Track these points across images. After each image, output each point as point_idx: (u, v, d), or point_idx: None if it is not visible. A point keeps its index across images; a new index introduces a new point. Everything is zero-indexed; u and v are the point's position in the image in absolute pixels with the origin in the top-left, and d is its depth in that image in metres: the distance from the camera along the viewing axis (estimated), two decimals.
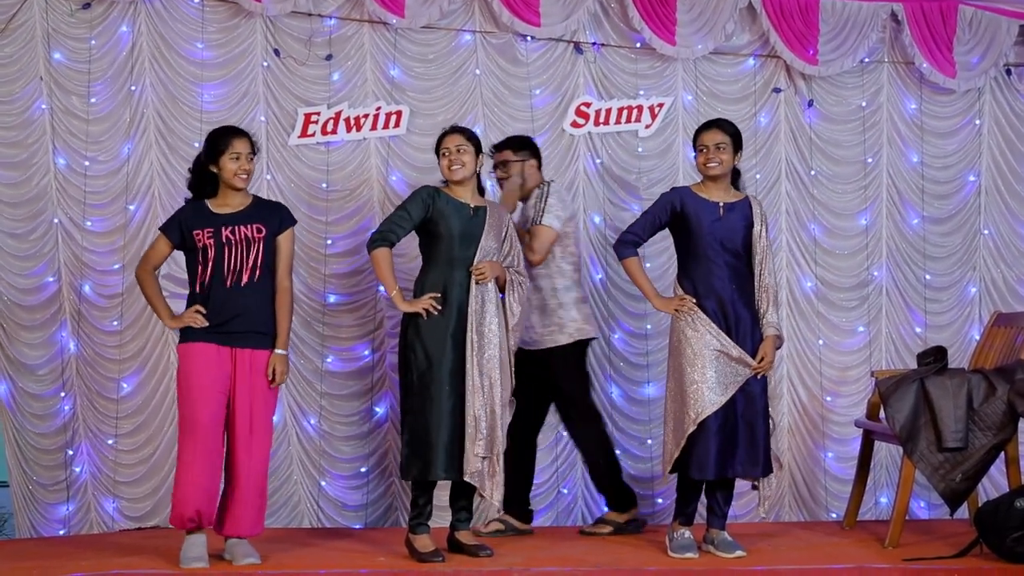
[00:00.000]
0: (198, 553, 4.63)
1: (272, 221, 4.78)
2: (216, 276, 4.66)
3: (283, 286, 4.81)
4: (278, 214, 4.85)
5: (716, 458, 4.77)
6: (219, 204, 4.76)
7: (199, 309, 4.63)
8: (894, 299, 6.49)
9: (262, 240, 4.72)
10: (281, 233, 4.81)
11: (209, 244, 4.66)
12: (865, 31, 6.32)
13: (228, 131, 4.81)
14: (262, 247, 4.72)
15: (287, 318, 4.81)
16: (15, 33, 5.74)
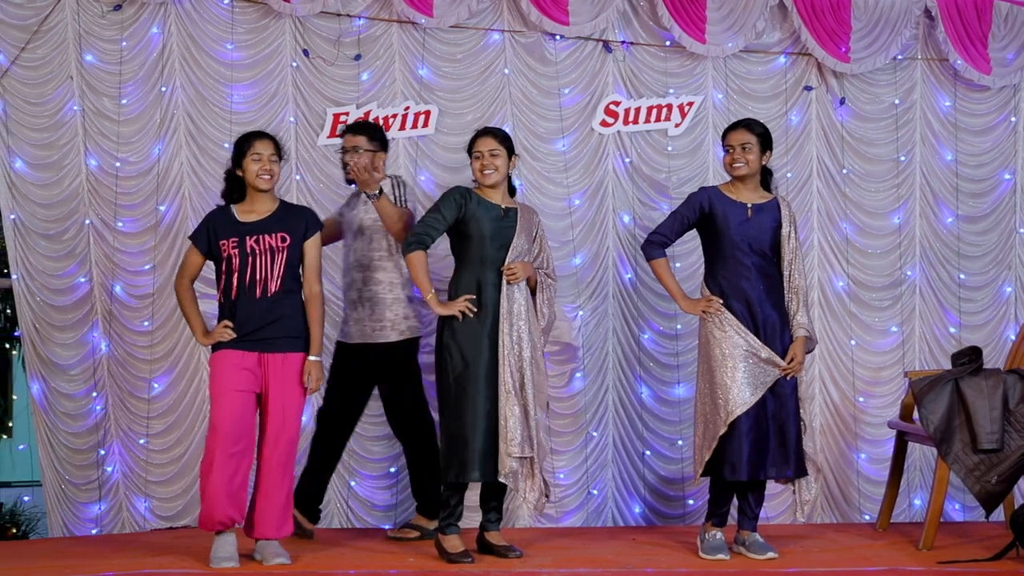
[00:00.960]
0: (228, 553, 4.67)
1: (298, 228, 4.80)
2: (243, 286, 4.68)
3: (313, 292, 4.83)
4: (304, 220, 4.85)
5: (748, 459, 4.77)
6: (245, 210, 4.77)
7: (228, 324, 4.67)
8: (928, 299, 6.44)
9: (287, 249, 4.74)
10: (307, 239, 4.82)
11: (234, 254, 4.68)
12: (898, 28, 6.28)
13: (250, 134, 4.85)
14: (287, 256, 4.74)
15: (319, 324, 4.83)
16: (47, 35, 5.77)
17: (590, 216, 6.19)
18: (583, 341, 6.14)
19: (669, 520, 6.16)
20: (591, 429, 6.15)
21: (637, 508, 6.19)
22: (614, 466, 6.19)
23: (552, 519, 6.05)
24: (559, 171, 6.18)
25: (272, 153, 4.76)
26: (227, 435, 4.58)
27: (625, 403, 6.20)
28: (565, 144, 6.19)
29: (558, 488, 6.05)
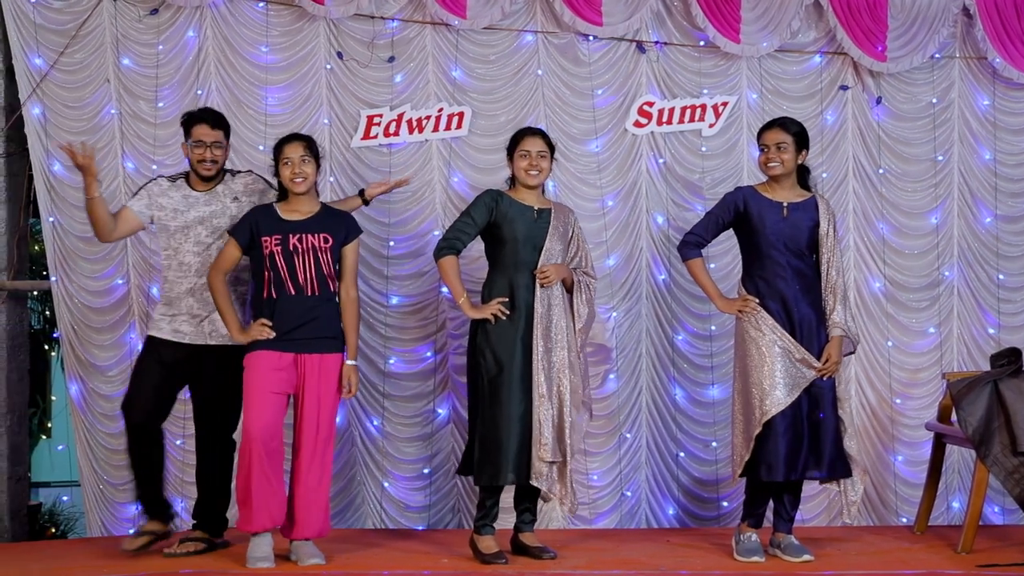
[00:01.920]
0: (264, 553, 4.69)
1: (339, 231, 4.83)
2: (282, 284, 4.71)
3: (349, 296, 4.86)
4: (345, 224, 4.89)
5: (785, 460, 4.75)
6: (288, 210, 4.81)
7: (265, 322, 4.68)
8: (966, 299, 6.38)
9: (328, 250, 4.77)
10: (347, 244, 4.86)
11: (276, 251, 4.70)
12: (936, 26, 6.23)
13: (280, 140, 4.88)
14: (329, 257, 4.77)
15: (355, 329, 4.87)
16: (85, 39, 5.85)
17: (623, 217, 6.19)
18: (617, 342, 6.14)
19: (703, 522, 6.14)
20: (625, 431, 6.14)
21: (671, 510, 6.18)
22: (648, 468, 6.18)
23: (586, 520, 6.04)
24: (592, 172, 6.17)
25: (302, 155, 4.77)
26: (260, 438, 4.61)
27: (659, 404, 6.19)
28: (598, 145, 6.18)
29: (592, 489, 6.08)
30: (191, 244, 4.87)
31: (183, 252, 4.87)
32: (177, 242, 4.88)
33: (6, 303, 6.03)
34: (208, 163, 4.87)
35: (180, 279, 4.89)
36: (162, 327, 4.90)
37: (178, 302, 4.89)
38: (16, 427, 6.14)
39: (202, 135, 4.87)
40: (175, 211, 4.89)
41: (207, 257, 4.85)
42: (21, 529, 6.17)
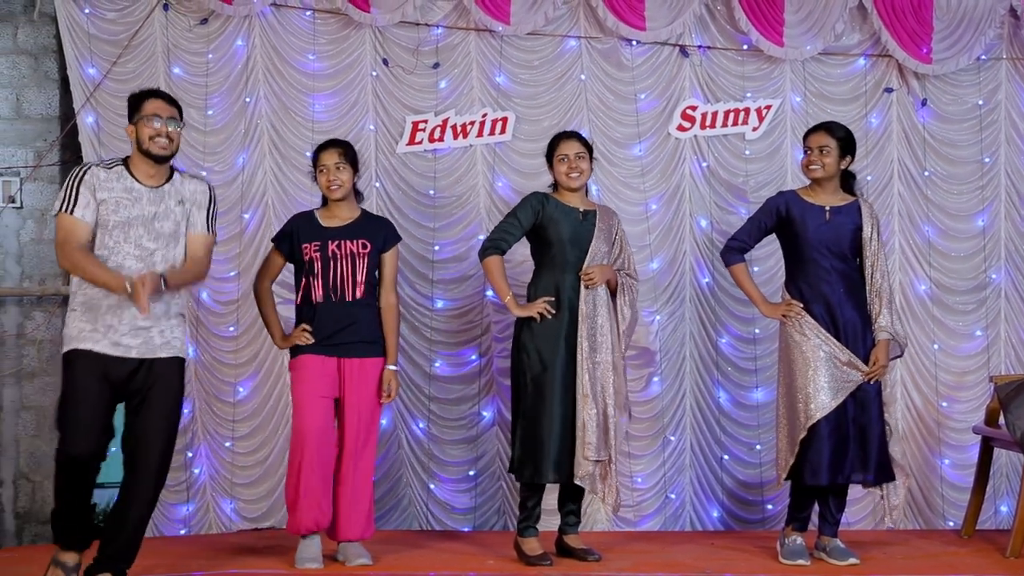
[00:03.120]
0: (312, 554, 4.74)
1: (378, 238, 4.87)
2: (323, 290, 4.77)
3: (388, 302, 4.90)
4: (383, 231, 4.93)
5: (829, 463, 4.74)
6: (328, 216, 4.86)
7: (306, 328, 4.73)
8: (1014, 302, 6.32)
9: (367, 256, 4.81)
10: (386, 251, 4.90)
11: (316, 257, 4.76)
12: (982, 27, 6.18)
13: (318, 147, 4.92)
14: (367, 263, 4.81)
15: (395, 334, 4.91)
16: (137, 49, 5.91)
17: (667, 220, 6.18)
18: (660, 345, 6.13)
19: (748, 525, 6.12)
20: (669, 433, 6.13)
21: (715, 512, 6.16)
22: (692, 470, 6.16)
23: (630, 523, 6.04)
24: (636, 176, 6.17)
25: (337, 161, 4.82)
26: (313, 441, 4.66)
27: (703, 407, 6.17)
28: (642, 149, 6.18)
29: (636, 492, 6.05)
30: (131, 247, 4.10)
31: (121, 254, 4.09)
32: (115, 240, 4.09)
33: (61, 308, 6.04)
34: (163, 139, 4.15)
35: None
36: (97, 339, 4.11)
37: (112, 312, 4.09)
38: None
39: (157, 109, 4.20)
40: (116, 203, 4.12)
41: (150, 265, 4.10)
42: None
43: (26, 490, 6.00)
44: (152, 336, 4.14)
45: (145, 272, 4.01)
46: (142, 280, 3.93)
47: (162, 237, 4.18)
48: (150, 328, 4.13)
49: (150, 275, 3.98)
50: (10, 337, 6.00)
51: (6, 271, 6.03)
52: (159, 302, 4.10)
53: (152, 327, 4.13)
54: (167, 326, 4.19)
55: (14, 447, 6.00)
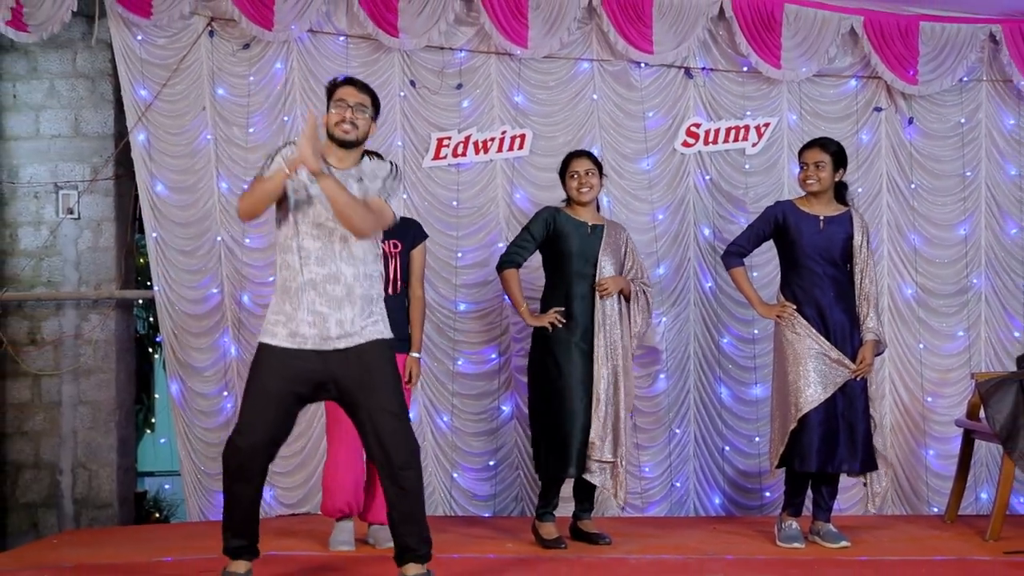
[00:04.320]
0: (345, 538, 4.78)
1: (407, 237, 4.91)
2: None
3: (416, 295, 4.93)
4: (412, 230, 4.97)
5: (817, 452, 4.77)
6: None
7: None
8: (993, 305, 6.34)
9: (398, 255, 4.85)
10: (415, 248, 4.93)
11: None
12: (964, 51, 6.20)
13: None
14: (399, 262, 4.84)
15: (420, 325, 4.94)
16: (185, 72, 5.95)
17: (673, 229, 6.20)
18: (666, 345, 6.15)
19: (747, 511, 6.14)
20: (674, 426, 6.16)
21: (717, 499, 6.19)
22: (695, 460, 6.19)
23: (638, 509, 6.07)
24: (644, 188, 6.20)
25: None
26: (348, 431, 4.66)
27: (706, 402, 6.20)
28: (649, 163, 6.20)
29: (644, 480, 6.09)
30: (310, 226, 3.83)
31: (303, 233, 3.84)
32: (297, 218, 3.85)
33: (115, 310, 6.16)
34: (347, 124, 3.87)
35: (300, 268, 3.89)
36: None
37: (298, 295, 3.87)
38: (124, 422, 6.26)
39: (346, 95, 3.91)
40: (301, 183, 3.84)
41: (329, 244, 3.83)
42: (129, 514, 6.29)
43: (83, 478, 6.10)
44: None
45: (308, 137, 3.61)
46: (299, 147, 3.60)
47: None
48: (326, 316, 3.81)
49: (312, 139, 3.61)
50: (68, 337, 6.08)
51: (65, 277, 6.11)
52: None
53: (328, 314, 3.82)
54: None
55: (72, 438, 6.08)
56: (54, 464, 6.09)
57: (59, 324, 6.12)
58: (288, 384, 3.79)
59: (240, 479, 3.82)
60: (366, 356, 3.81)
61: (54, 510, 6.08)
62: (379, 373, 3.82)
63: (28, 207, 6.15)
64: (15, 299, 6.08)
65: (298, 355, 3.79)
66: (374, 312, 3.90)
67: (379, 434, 3.77)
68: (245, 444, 3.77)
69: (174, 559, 4.58)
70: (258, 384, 3.82)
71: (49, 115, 6.18)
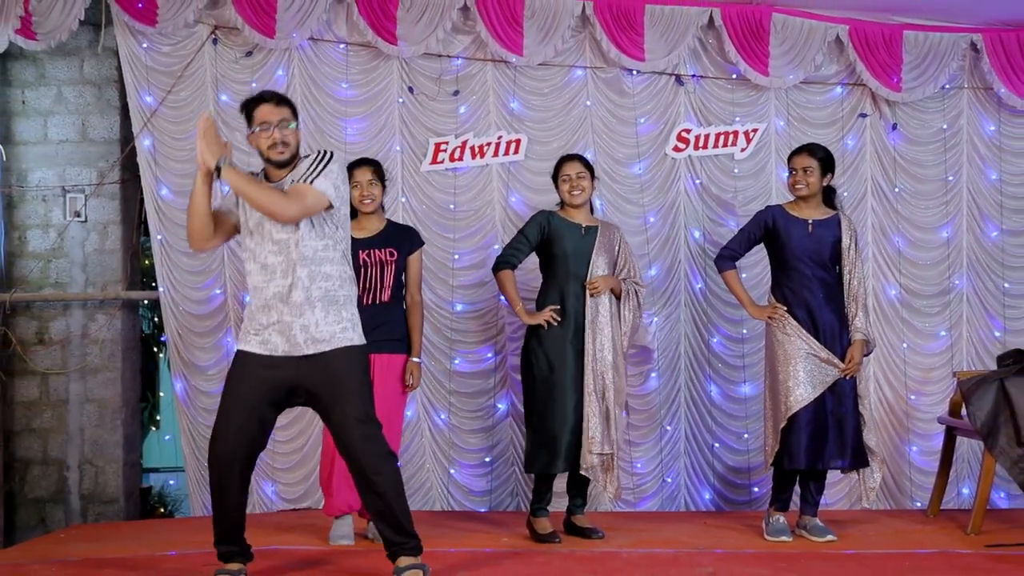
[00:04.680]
0: (345, 532, 4.81)
1: (404, 244, 4.91)
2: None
3: (415, 301, 4.94)
4: (408, 237, 4.97)
5: (807, 450, 4.79)
6: (358, 228, 4.85)
7: None
8: (974, 306, 6.37)
9: (394, 262, 4.85)
10: (411, 254, 4.94)
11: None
12: (946, 60, 6.22)
13: (350, 164, 4.88)
14: (395, 268, 4.85)
15: (420, 330, 4.94)
16: (189, 79, 5.95)
17: (664, 232, 6.22)
18: (658, 344, 6.17)
19: (736, 505, 6.16)
20: (665, 423, 6.17)
21: (707, 494, 6.21)
22: (686, 457, 6.20)
23: (631, 504, 6.08)
24: (636, 192, 6.21)
25: (370, 179, 4.83)
26: None
27: (696, 400, 6.21)
28: (641, 168, 6.22)
29: (636, 476, 6.09)
30: (269, 243, 3.83)
31: (262, 252, 3.84)
32: (255, 241, 3.87)
33: (121, 311, 6.17)
34: (280, 146, 3.81)
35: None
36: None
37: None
38: (129, 420, 6.26)
39: (267, 115, 3.82)
40: (248, 209, 3.87)
41: (289, 256, 3.80)
42: (134, 509, 6.30)
43: (90, 474, 6.11)
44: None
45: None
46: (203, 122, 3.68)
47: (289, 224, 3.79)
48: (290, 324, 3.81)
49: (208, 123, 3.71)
50: (76, 337, 6.10)
51: (72, 278, 6.13)
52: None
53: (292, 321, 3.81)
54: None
55: (79, 435, 6.10)
56: (62, 460, 6.11)
57: (66, 324, 6.13)
58: (260, 390, 3.80)
59: (221, 489, 3.85)
60: (334, 364, 3.81)
61: (62, 505, 6.10)
62: (348, 381, 3.82)
63: (36, 210, 6.17)
64: (24, 300, 6.09)
65: (268, 362, 3.81)
66: (343, 318, 3.87)
67: (349, 441, 3.79)
68: (220, 451, 3.79)
69: (178, 553, 4.60)
70: (231, 391, 3.84)
71: (57, 121, 6.20)
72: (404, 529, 3.88)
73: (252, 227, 3.85)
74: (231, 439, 3.78)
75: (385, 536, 3.88)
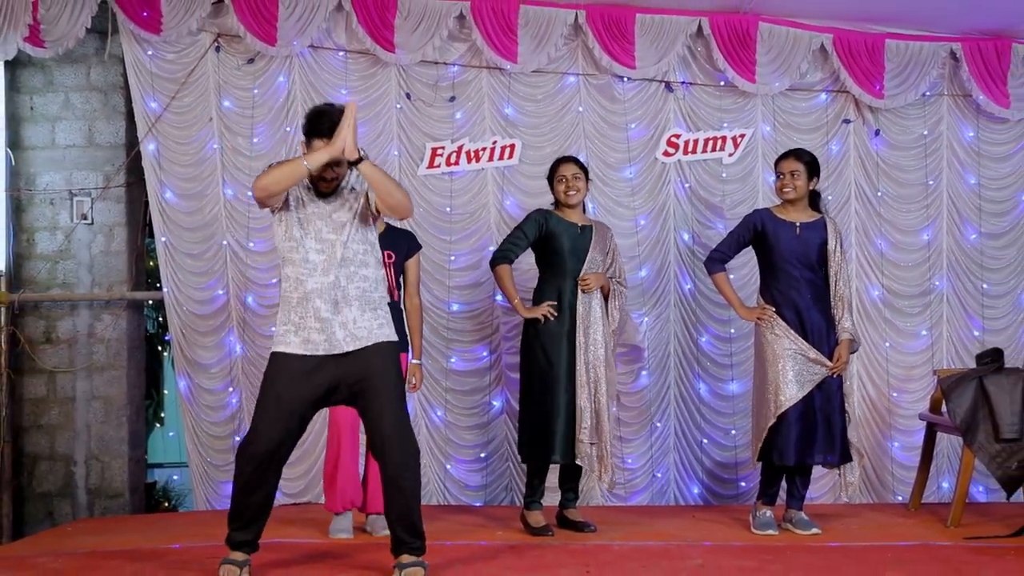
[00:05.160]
0: (344, 526, 4.82)
1: (401, 248, 4.92)
2: None
3: (413, 304, 4.94)
4: (406, 242, 4.98)
5: (795, 446, 4.80)
6: None
7: None
8: (954, 306, 6.39)
9: (392, 265, 4.84)
10: (409, 258, 4.94)
11: None
12: (927, 68, 6.24)
13: None
14: (393, 271, 4.84)
15: (419, 331, 4.95)
16: (192, 86, 5.97)
17: (654, 234, 6.23)
18: (648, 343, 6.18)
19: (724, 500, 6.17)
20: (655, 420, 6.18)
21: (696, 489, 6.22)
22: (676, 452, 6.21)
23: (621, 498, 6.10)
24: (627, 195, 6.23)
25: None
26: (347, 430, 4.71)
27: (685, 397, 6.23)
28: (632, 172, 6.24)
29: (627, 471, 6.11)
30: (312, 240, 3.85)
31: (305, 248, 3.86)
32: (299, 233, 3.87)
33: (126, 311, 6.16)
34: (326, 182, 3.87)
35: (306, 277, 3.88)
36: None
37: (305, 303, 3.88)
38: (135, 417, 6.26)
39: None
40: (298, 199, 3.91)
41: (332, 254, 3.86)
42: (139, 503, 6.29)
43: (96, 469, 6.11)
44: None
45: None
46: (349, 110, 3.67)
47: (340, 227, 3.85)
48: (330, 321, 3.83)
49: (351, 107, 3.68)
50: (82, 336, 6.10)
51: (79, 279, 6.13)
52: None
53: (332, 319, 3.83)
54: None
55: (86, 432, 6.10)
56: (69, 456, 6.11)
57: (73, 324, 6.13)
58: (302, 391, 3.81)
59: (257, 483, 3.87)
60: (373, 359, 3.84)
61: (69, 499, 6.09)
62: (385, 376, 3.85)
63: (44, 213, 6.16)
64: (32, 300, 6.09)
65: (310, 361, 3.82)
66: (379, 315, 3.92)
67: (382, 435, 3.80)
68: (262, 451, 3.80)
69: (182, 546, 4.61)
70: (273, 393, 3.83)
71: (64, 126, 6.19)
72: (418, 531, 3.89)
73: (302, 220, 3.87)
74: (274, 439, 3.79)
75: (398, 536, 3.87)
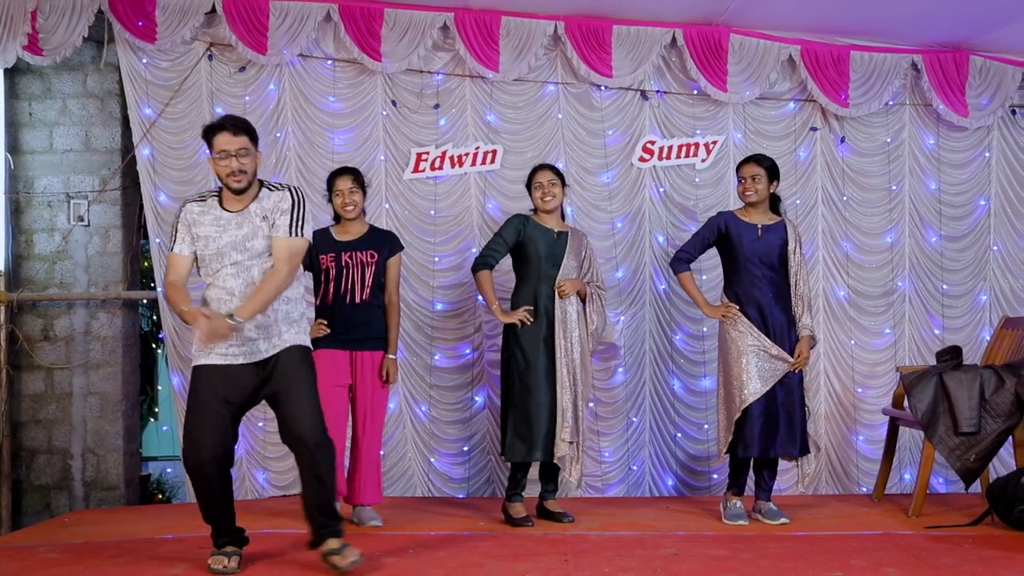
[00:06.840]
0: None
1: (384, 248, 4.88)
2: (338, 293, 4.76)
3: (392, 301, 4.91)
4: (388, 242, 4.94)
5: (759, 439, 4.80)
6: (341, 232, 4.86)
7: (322, 322, 4.76)
8: (916, 306, 6.40)
9: (375, 264, 4.82)
10: (391, 258, 4.91)
11: (331, 266, 4.78)
12: (889, 78, 6.25)
13: (332, 174, 4.90)
14: (375, 269, 4.81)
15: (396, 328, 4.91)
16: (186, 93, 5.93)
17: (630, 237, 6.22)
18: (624, 341, 6.17)
19: (696, 491, 6.17)
20: (631, 415, 6.17)
21: (670, 481, 6.21)
22: (651, 446, 6.20)
23: (598, 490, 6.09)
24: (604, 199, 6.22)
25: (351, 187, 4.81)
26: (332, 424, 4.65)
27: (660, 393, 6.22)
28: (609, 177, 6.22)
29: (603, 464, 6.10)
30: (229, 268, 3.80)
31: (223, 276, 3.81)
32: (215, 267, 3.82)
33: (121, 309, 6.12)
34: (237, 174, 3.75)
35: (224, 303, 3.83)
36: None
37: None
38: (130, 411, 6.22)
39: (225, 144, 3.77)
40: (207, 238, 3.83)
41: (249, 280, 3.80)
42: (134, 495, 6.26)
43: (92, 462, 6.05)
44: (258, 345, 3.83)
45: (211, 314, 3.66)
46: (195, 317, 3.65)
47: (256, 254, 3.80)
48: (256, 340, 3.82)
49: (214, 319, 3.63)
50: (79, 334, 6.04)
51: (76, 279, 6.07)
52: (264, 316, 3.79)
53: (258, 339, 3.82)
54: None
55: (82, 426, 6.05)
56: (65, 450, 6.05)
57: (70, 322, 6.08)
58: (224, 398, 3.77)
59: (207, 491, 3.84)
60: (285, 358, 3.82)
61: (65, 492, 6.04)
62: (297, 372, 3.81)
63: (42, 215, 6.10)
64: (30, 299, 6.03)
65: (229, 370, 3.79)
66: (294, 325, 3.90)
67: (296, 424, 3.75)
68: (198, 461, 3.75)
69: (175, 537, 4.57)
70: (197, 403, 3.78)
71: (62, 131, 6.13)
72: (335, 512, 3.88)
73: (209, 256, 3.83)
74: (206, 446, 3.73)
75: (316, 521, 3.83)
